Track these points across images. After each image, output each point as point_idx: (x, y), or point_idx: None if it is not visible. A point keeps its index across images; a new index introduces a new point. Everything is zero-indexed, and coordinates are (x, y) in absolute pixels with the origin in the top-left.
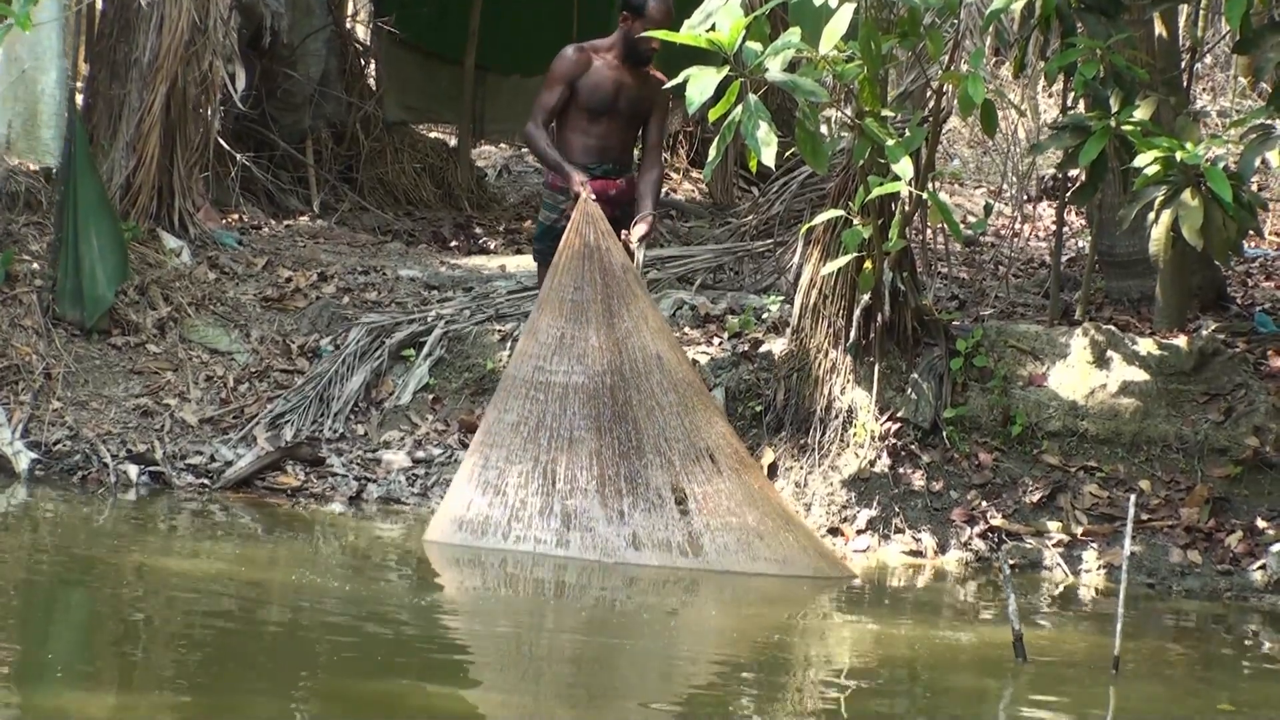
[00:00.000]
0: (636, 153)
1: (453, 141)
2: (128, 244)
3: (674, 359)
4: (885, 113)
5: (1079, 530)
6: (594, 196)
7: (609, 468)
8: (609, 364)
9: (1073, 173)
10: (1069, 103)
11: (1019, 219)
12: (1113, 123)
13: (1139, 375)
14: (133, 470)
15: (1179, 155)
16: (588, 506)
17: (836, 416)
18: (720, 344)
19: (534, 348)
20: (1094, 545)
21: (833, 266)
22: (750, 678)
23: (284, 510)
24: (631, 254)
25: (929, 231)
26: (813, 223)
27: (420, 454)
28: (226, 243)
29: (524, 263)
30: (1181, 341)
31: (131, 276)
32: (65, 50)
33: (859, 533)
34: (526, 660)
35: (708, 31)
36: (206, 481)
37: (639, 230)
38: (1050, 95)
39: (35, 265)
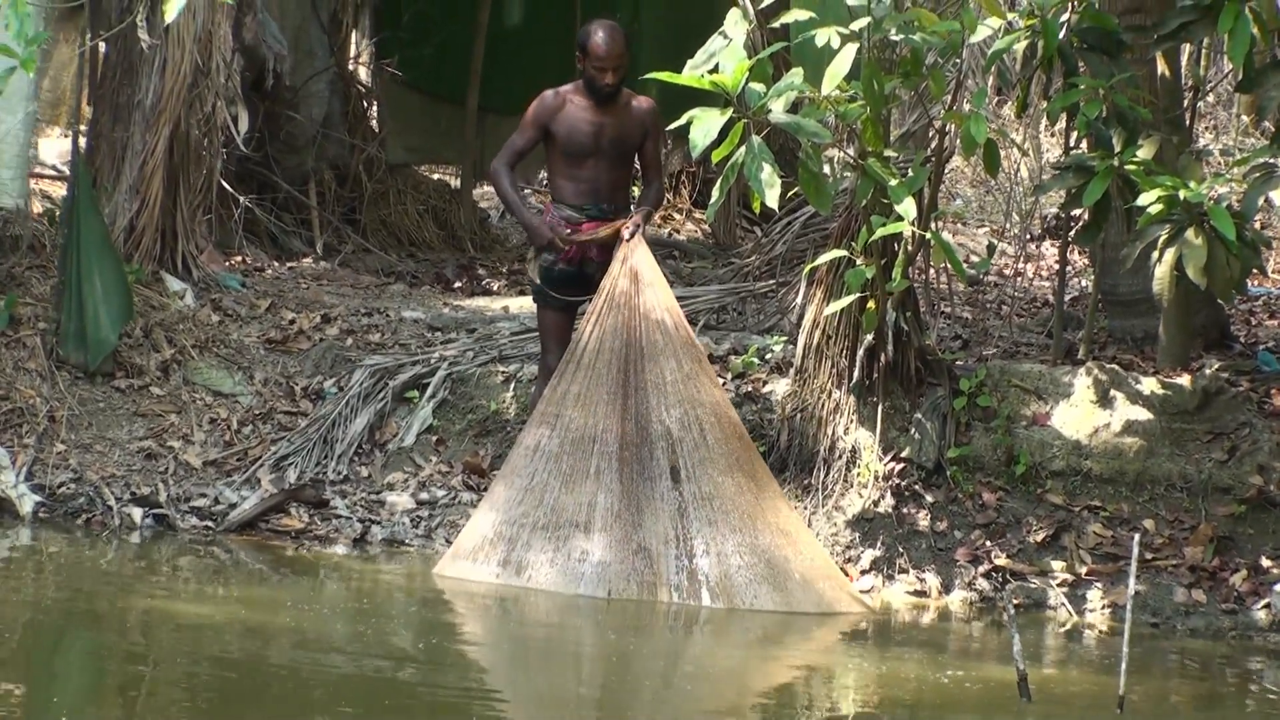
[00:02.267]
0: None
1: (455, 183)
2: (131, 287)
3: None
4: (888, 153)
5: (1083, 570)
6: (570, 237)
7: (626, 515)
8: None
9: (1076, 212)
10: (1072, 142)
11: (1022, 258)
12: (1116, 162)
13: (1142, 414)
14: (137, 513)
15: (1182, 194)
16: (599, 544)
17: (840, 457)
18: (724, 385)
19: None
20: (1098, 585)
21: (836, 307)
22: (755, 718)
23: (288, 553)
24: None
25: (932, 271)
26: (816, 263)
27: (424, 496)
28: (230, 285)
29: (527, 304)
30: (1185, 380)
31: (135, 319)
32: (36, 93)
33: (863, 573)
34: (537, 701)
35: (710, 73)
36: (210, 524)
37: (632, 222)
38: (1053, 135)
39: (39, 308)
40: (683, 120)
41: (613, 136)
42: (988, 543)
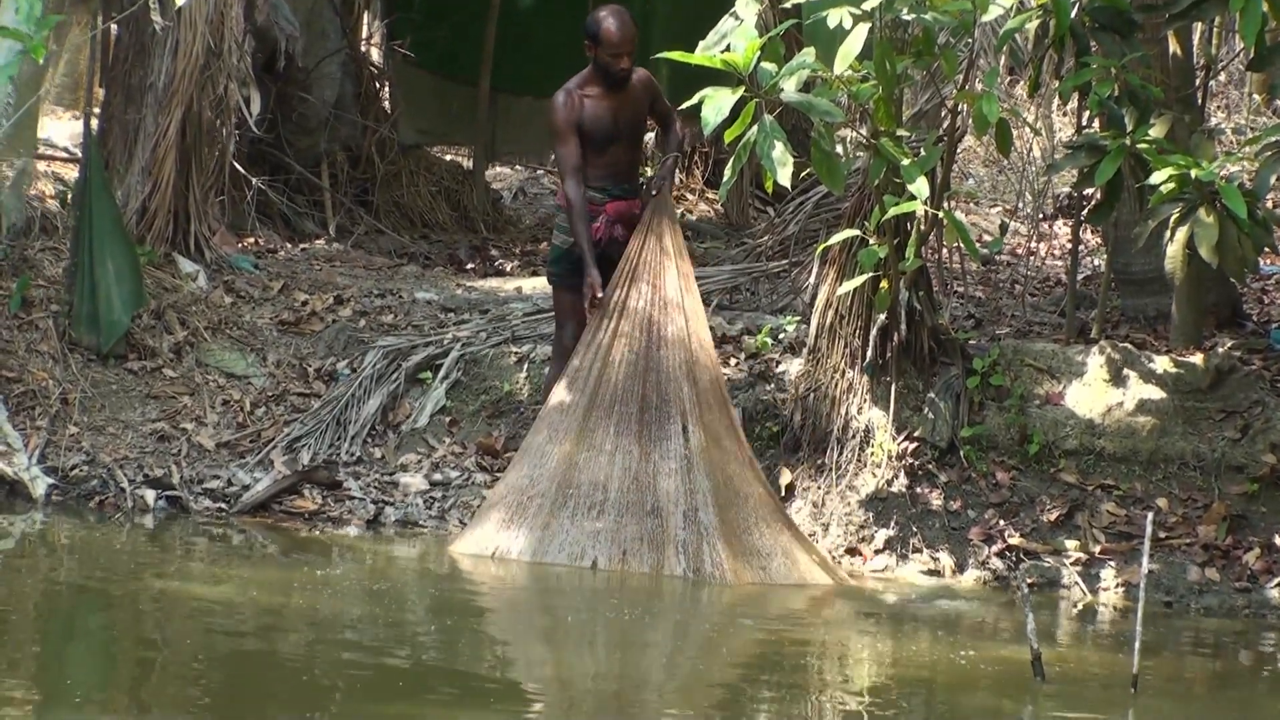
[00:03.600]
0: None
1: (468, 164)
2: (144, 268)
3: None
4: (900, 132)
5: (1097, 549)
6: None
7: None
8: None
9: (1088, 191)
10: (1084, 121)
11: (1035, 237)
12: (1128, 141)
13: (1155, 393)
14: (150, 495)
15: (1194, 173)
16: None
17: (854, 436)
18: (737, 365)
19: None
20: (1112, 563)
21: (849, 286)
22: (766, 697)
23: (301, 534)
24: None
25: (945, 251)
26: (829, 243)
27: (437, 477)
28: (242, 267)
29: (540, 285)
30: (1197, 359)
31: (147, 301)
32: (13, 85)
33: (877, 552)
34: (552, 679)
35: (723, 53)
36: (224, 506)
37: (657, 178)
38: (1065, 114)
39: (51, 290)
40: (695, 100)
41: (628, 118)
42: (1001, 522)
